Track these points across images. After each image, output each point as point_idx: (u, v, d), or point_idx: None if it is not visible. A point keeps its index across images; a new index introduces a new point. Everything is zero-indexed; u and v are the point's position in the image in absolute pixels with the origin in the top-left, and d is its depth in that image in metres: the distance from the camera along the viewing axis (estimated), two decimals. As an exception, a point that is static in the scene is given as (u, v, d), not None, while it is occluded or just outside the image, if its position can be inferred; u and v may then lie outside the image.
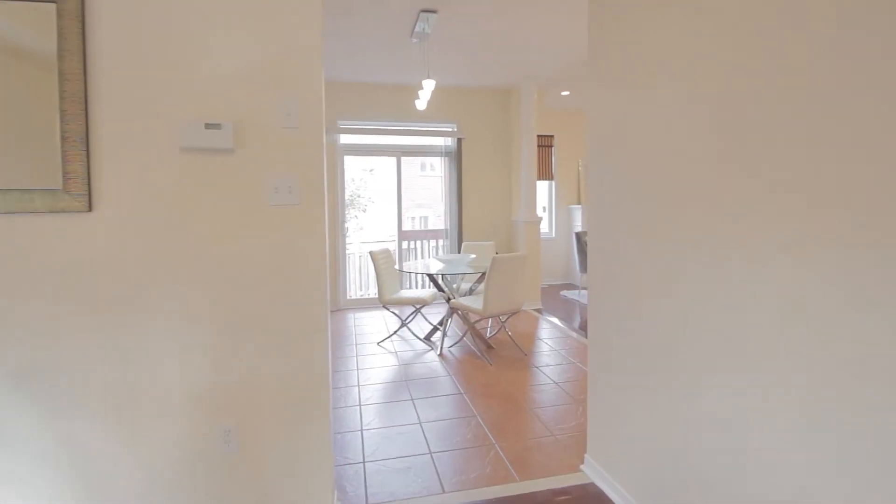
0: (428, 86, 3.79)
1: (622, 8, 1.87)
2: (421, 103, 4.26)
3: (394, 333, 4.45)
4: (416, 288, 6.19)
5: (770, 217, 1.24)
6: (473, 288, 4.32)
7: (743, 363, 1.34)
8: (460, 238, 5.94)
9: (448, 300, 4.24)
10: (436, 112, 5.88)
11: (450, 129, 5.96)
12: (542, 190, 7.56)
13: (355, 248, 10.98)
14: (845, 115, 1.05)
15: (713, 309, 1.43)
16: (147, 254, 1.63)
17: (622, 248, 1.83)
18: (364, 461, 2.36)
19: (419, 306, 4.27)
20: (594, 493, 2.04)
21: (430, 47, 4.39)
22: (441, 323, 4.36)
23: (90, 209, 1.56)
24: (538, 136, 7.27)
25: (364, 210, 7.93)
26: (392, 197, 6.05)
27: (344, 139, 5.76)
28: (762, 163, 1.25)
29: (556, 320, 5.18)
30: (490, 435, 2.60)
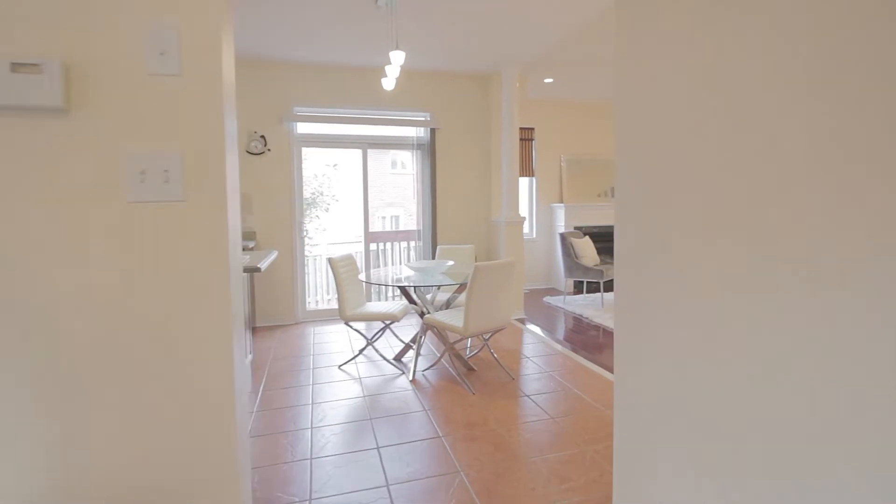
0: (396, 59, 3.15)
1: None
2: (388, 82, 3.62)
3: (359, 353, 3.80)
4: (385, 299, 5.55)
5: None
6: (452, 300, 3.72)
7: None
8: (434, 241, 5.32)
9: (422, 315, 3.62)
10: (406, 99, 5.24)
11: (422, 119, 5.33)
12: (522, 187, 7.02)
13: (322, 250, 10.24)
14: None
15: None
16: None
17: (689, 254, 1.25)
18: (309, 555, 1.72)
19: (388, 322, 3.64)
20: None
21: (399, 23, 3.76)
22: (414, 340, 3.73)
23: None
24: (522, 129, 6.73)
25: (327, 209, 7.21)
26: (359, 194, 5.38)
27: (301, 128, 5.06)
28: None
29: (541, 332, 4.62)
30: None
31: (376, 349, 3.94)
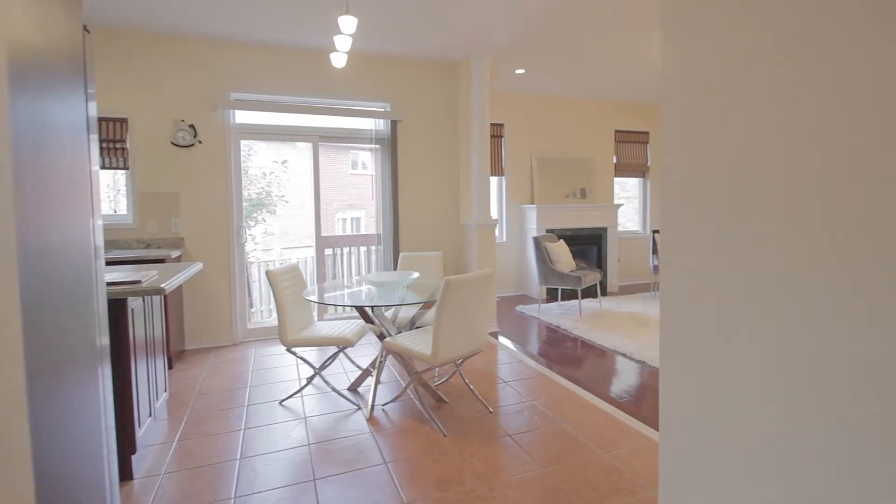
0: (346, 26, 2.56)
1: None
2: (338, 58, 3.02)
3: (306, 384, 3.16)
4: (342, 312, 4.92)
5: None
6: (418, 317, 3.15)
7: None
8: (396, 246, 4.73)
9: (381, 336, 3.03)
10: (364, 87, 4.64)
11: (381, 110, 4.74)
12: (491, 187, 6.53)
13: (275, 255, 9.43)
14: None
15: None
16: None
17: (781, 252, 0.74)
18: None
19: (341, 347, 3.03)
20: None
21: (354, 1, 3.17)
22: (373, 366, 3.14)
23: None
24: (490, 125, 6.23)
25: (273, 211, 6.49)
26: (312, 194, 4.72)
27: (240, 117, 4.37)
28: None
29: (516, 348, 4.12)
30: None
31: (325, 380, 3.32)
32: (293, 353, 2.95)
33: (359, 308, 2.97)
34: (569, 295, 6.28)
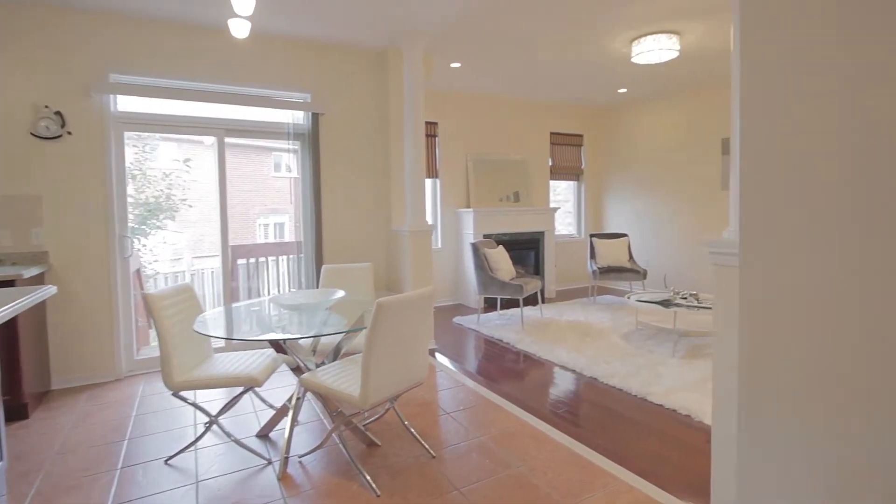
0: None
1: None
2: (238, 26, 2.45)
3: (203, 433, 2.54)
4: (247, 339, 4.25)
5: None
6: (345, 343, 2.64)
7: None
8: (319, 256, 4.16)
9: (297, 369, 2.49)
10: (281, 74, 4.04)
11: (301, 100, 4.16)
12: (426, 190, 6.11)
13: (184, 266, 8.38)
14: None
15: None
16: None
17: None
18: None
19: (245, 388, 2.44)
20: None
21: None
22: (291, 401, 2.58)
23: None
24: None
25: (172, 217, 5.66)
26: (229, 196, 4.03)
27: (123, 104, 3.62)
28: None
29: (456, 367, 3.72)
30: None
31: (224, 430, 2.73)
32: (182, 399, 2.33)
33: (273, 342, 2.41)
34: (508, 303, 6.00)
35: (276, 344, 2.54)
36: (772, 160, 0.70)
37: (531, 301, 6.12)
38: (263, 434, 2.61)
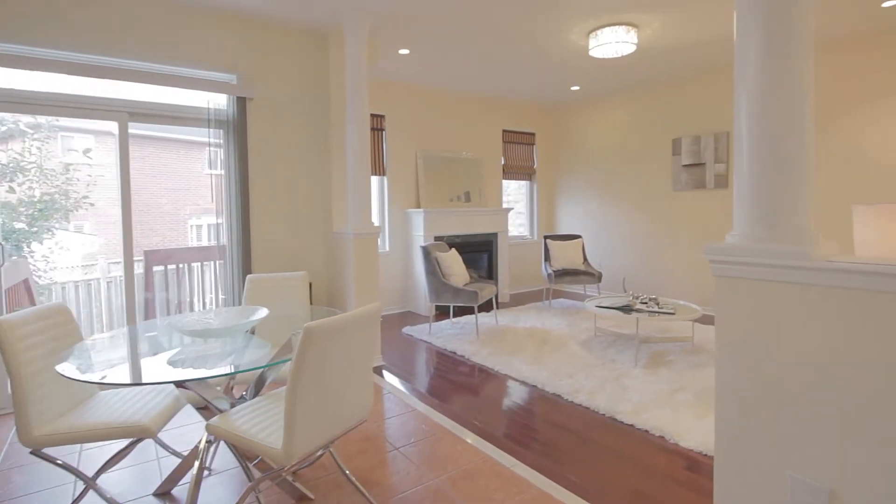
0: None
1: None
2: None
3: (80, 496, 1.98)
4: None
5: None
6: (269, 375, 2.15)
7: None
8: (247, 263, 3.62)
9: (206, 408, 1.98)
10: (199, 49, 3.46)
11: (225, 81, 3.59)
12: (372, 188, 5.65)
13: (100, 273, 7.42)
14: None
15: None
16: None
17: None
18: None
19: (134, 439, 1.91)
20: None
21: None
22: (195, 454, 2.07)
23: None
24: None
25: (67, 218, 4.89)
26: (138, 193, 3.38)
27: (-9, 77, 2.93)
28: None
29: (406, 387, 3.31)
30: None
31: (103, 495, 2.18)
32: (46, 458, 1.77)
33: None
34: (462, 310, 5.65)
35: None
36: None
37: (485, 307, 5.80)
38: (164, 491, 2.08)
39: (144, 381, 1.62)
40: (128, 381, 1.59)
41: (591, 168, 6.67)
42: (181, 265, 4.90)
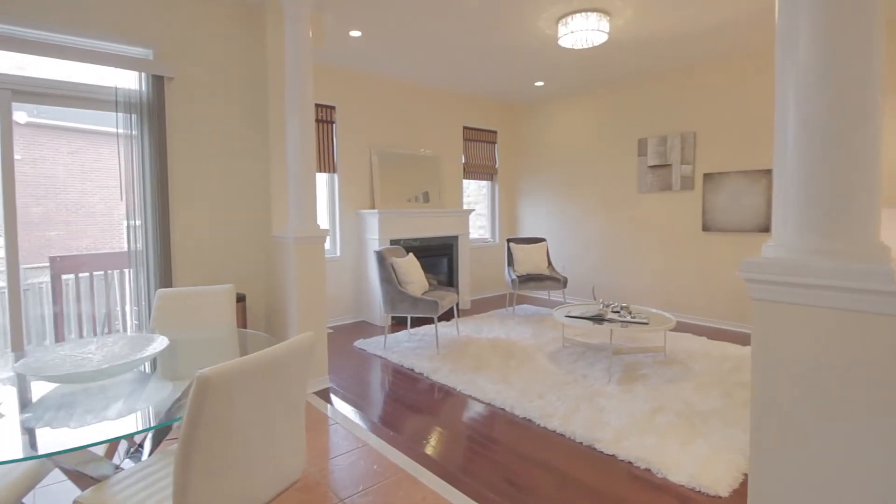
0: None
1: None
2: None
3: None
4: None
5: None
6: (176, 410, 1.67)
7: None
8: (167, 274, 3.07)
9: (79, 475, 1.48)
10: (106, 17, 2.88)
11: (140, 57, 3.03)
12: (321, 187, 5.16)
13: (3, 282, 6.49)
14: None
15: None
16: None
17: None
18: None
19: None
20: None
21: None
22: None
23: None
24: (315, 107, 4.85)
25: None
26: (70, 193, 2.75)
27: None
28: None
29: (358, 417, 2.87)
30: None
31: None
32: None
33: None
34: (420, 319, 5.25)
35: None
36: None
37: (446, 315, 5.42)
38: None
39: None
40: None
41: (555, 169, 6.42)
42: (96, 273, 4.24)
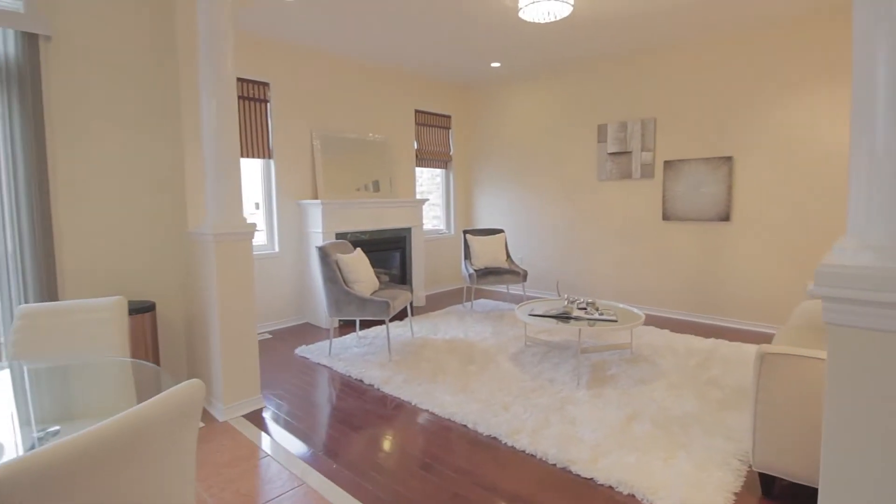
0: None
1: None
2: None
3: None
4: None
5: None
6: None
7: None
8: (48, 283, 2.48)
9: None
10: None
11: (4, 7, 2.40)
12: (253, 174, 4.59)
13: None
14: None
15: None
16: None
17: None
18: None
19: None
20: None
21: None
22: None
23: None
24: (243, 82, 4.26)
25: None
26: None
27: None
28: None
29: (293, 442, 2.43)
30: None
31: None
32: None
33: None
34: (371, 320, 4.81)
35: None
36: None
37: (399, 314, 5.02)
38: None
39: None
40: None
41: (513, 156, 6.11)
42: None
